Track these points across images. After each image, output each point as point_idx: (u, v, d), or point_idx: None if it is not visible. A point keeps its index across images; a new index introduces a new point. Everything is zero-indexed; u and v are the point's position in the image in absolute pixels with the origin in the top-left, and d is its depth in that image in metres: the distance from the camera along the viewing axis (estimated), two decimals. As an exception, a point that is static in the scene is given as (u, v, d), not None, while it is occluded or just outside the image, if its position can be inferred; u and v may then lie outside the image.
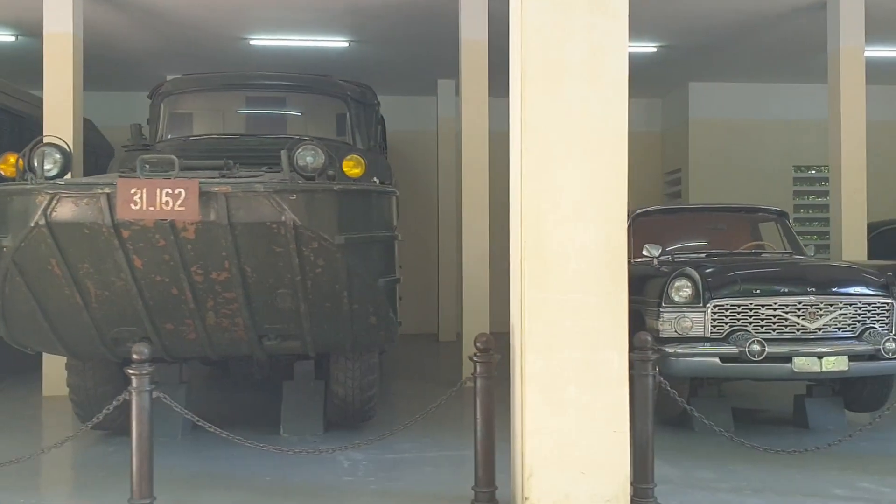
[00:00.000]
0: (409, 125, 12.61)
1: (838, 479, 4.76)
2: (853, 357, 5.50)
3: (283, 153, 4.44)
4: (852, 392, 6.31)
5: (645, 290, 5.96)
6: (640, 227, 7.24)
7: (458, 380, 4.59)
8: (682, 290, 5.62)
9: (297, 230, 4.27)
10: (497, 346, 4.08)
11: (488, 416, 3.97)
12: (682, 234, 7.33)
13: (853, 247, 8.41)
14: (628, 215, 7.30)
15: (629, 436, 3.93)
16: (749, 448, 4.57)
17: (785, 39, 9.96)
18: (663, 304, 5.62)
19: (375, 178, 6.56)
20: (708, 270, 5.77)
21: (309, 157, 4.52)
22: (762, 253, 6.82)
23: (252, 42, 9.74)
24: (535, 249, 3.73)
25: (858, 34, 8.49)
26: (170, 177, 4.24)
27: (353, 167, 4.60)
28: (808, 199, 13.26)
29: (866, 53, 9.98)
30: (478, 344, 3.98)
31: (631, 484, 4.00)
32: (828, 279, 5.72)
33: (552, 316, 3.72)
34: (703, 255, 6.69)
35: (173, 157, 4.44)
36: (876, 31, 9.35)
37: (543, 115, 3.73)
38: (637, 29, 10.09)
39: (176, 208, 4.13)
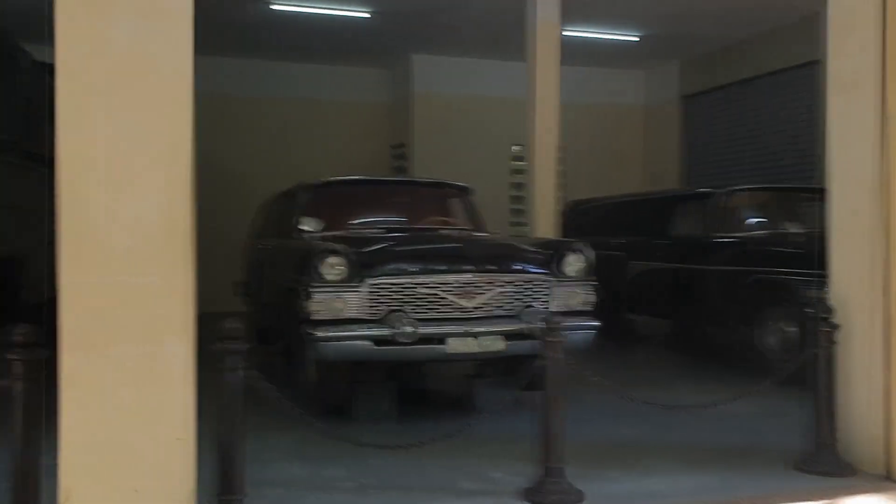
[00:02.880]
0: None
1: (473, 468, 4.49)
2: (511, 336, 5.30)
3: None
4: (521, 371, 6.17)
5: (298, 269, 5.43)
6: (322, 200, 6.73)
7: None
8: (334, 267, 5.14)
9: None
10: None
11: (29, 427, 3.19)
12: (365, 208, 6.91)
13: (545, 224, 8.43)
14: (311, 187, 6.82)
15: (217, 440, 3.39)
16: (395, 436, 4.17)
17: (492, 13, 9.86)
18: (314, 284, 5.11)
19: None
20: (365, 248, 5.34)
21: None
22: (440, 229, 6.53)
23: None
24: (72, 222, 3.01)
25: (553, 10, 8.47)
26: None
27: None
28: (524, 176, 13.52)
29: (568, 33, 10.14)
30: (16, 338, 3.19)
31: (217, 496, 3.44)
32: (487, 257, 5.48)
33: (96, 303, 3.03)
34: (382, 231, 6.29)
35: None
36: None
37: (82, 54, 3.01)
38: (347, -9, 9.69)
39: None
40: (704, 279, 7.73)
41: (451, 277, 5.25)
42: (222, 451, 3.44)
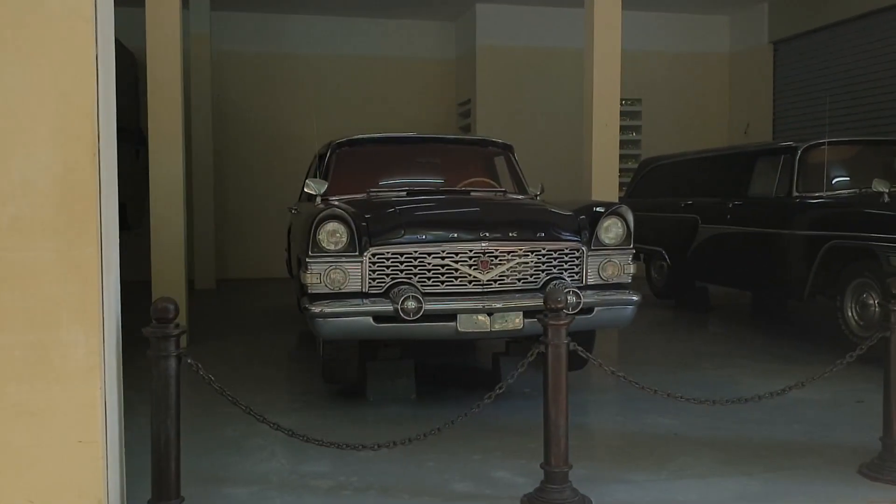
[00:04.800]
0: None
1: (474, 466, 3.93)
2: (531, 313, 4.66)
3: None
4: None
5: (302, 236, 4.94)
6: (342, 160, 6.21)
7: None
8: (333, 235, 4.61)
9: None
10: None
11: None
12: (392, 169, 6.35)
13: (605, 186, 7.68)
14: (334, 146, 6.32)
15: (153, 438, 2.94)
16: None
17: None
18: (311, 253, 4.61)
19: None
20: (368, 212, 4.79)
21: None
22: (472, 191, 5.88)
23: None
24: (-54, 185, 2.56)
25: (613, -54, 7.63)
26: None
27: None
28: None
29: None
30: None
31: (149, 502, 3.00)
32: (506, 222, 4.82)
33: (-23, 282, 2.59)
34: (406, 194, 5.70)
35: None
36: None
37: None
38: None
39: None
40: (781, 244, 6.87)
41: (463, 246, 4.65)
42: (153, 450, 2.99)
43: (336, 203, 5.22)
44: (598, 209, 4.97)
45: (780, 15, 11.51)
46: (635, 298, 4.90)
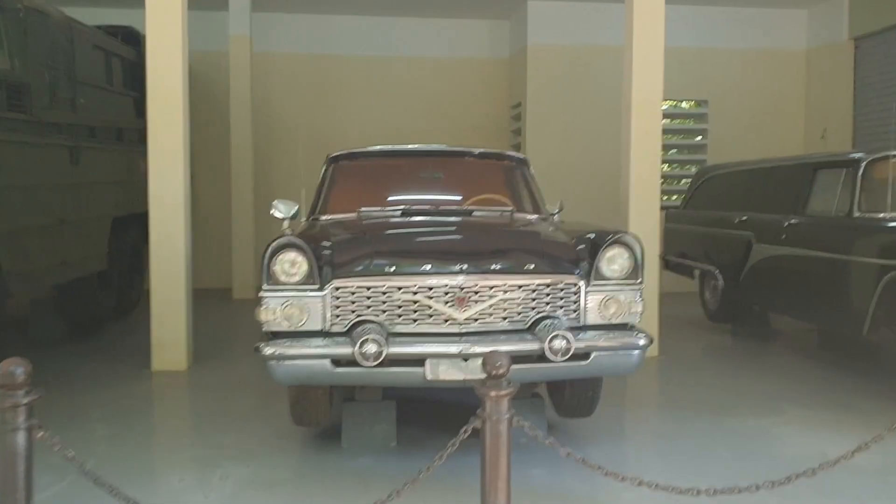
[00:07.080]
0: (196, 45, 10.83)
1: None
2: (518, 358, 4.03)
3: None
4: (557, 394, 4.94)
5: (265, 266, 4.44)
6: (339, 175, 5.70)
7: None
8: (293, 265, 4.09)
9: None
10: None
11: None
12: (393, 185, 5.78)
13: (644, 198, 6.94)
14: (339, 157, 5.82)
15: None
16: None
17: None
18: (266, 285, 4.11)
19: None
20: (331, 239, 4.25)
21: None
22: (473, 211, 5.26)
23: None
24: None
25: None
26: None
27: None
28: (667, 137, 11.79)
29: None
30: None
31: None
32: (489, 252, 4.20)
33: None
34: (399, 214, 5.15)
35: None
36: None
37: None
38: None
39: None
40: (839, 271, 6.02)
41: (437, 280, 4.06)
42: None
43: (325, 224, 4.75)
44: (599, 236, 4.31)
45: (861, 8, 10.43)
46: (642, 342, 4.21)
